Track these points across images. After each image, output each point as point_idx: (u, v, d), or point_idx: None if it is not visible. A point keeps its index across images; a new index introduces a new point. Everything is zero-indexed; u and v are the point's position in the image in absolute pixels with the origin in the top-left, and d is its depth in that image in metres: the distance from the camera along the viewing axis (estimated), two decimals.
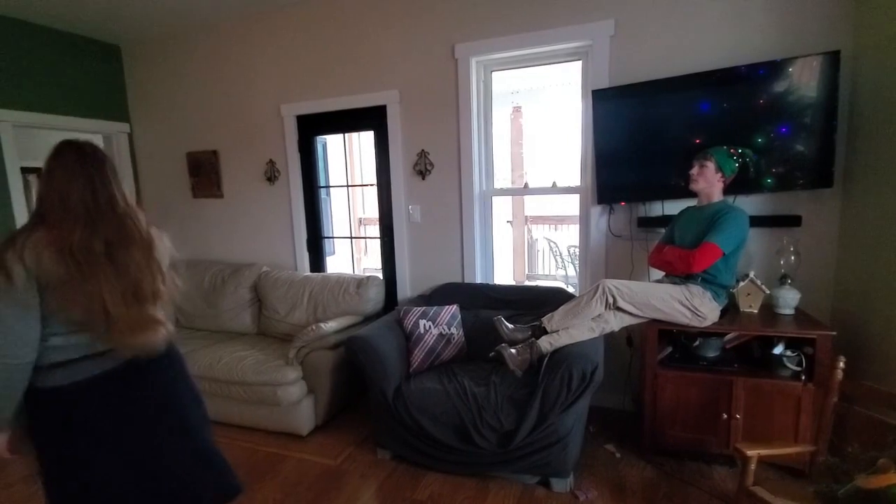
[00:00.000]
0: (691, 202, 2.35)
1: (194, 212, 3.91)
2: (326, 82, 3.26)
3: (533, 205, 6.83)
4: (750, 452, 1.61)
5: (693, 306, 2.06)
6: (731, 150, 2.15)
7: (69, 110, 3.60)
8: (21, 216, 3.33)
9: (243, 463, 2.46)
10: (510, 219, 6.61)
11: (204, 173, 3.77)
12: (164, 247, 1.54)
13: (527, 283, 6.30)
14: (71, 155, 1.33)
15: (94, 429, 1.31)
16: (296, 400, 2.60)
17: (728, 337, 2.27)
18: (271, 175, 3.55)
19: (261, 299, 3.39)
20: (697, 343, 2.25)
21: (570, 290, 2.99)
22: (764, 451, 1.63)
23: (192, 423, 1.50)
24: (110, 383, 1.34)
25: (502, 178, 2.89)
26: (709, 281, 2.12)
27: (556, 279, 6.12)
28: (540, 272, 6.73)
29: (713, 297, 2.10)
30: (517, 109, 6.64)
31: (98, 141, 4.11)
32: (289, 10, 3.27)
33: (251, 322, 3.40)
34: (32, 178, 5.53)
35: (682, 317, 2.09)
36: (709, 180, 2.14)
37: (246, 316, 3.40)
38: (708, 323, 2.10)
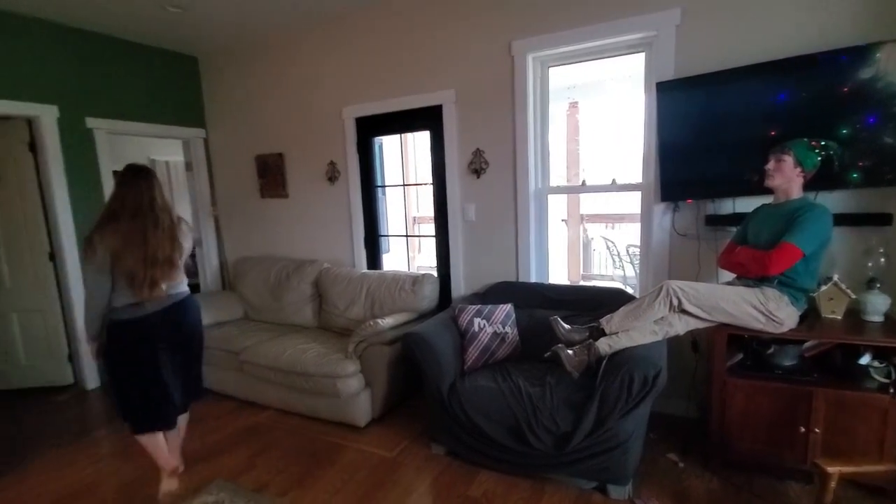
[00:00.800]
0: (766, 199, 2.20)
1: (261, 211, 4.15)
2: (385, 84, 3.35)
3: (589, 203, 6.65)
4: (831, 469, 1.50)
5: (768, 311, 1.93)
6: (813, 143, 1.99)
7: (154, 118, 3.93)
8: None
9: (306, 449, 2.59)
10: (565, 217, 6.47)
11: (271, 174, 3.99)
12: (186, 231, 2.20)
13: (582, 283, 6.15)
14: (129, 173, 2.06)
15: (136, 345, 2.05)
16: (354, 392, 2.70)
17: (807, 345, 2.11)
18: (332, 175, 3.69)
19: (321, 294, 3.54)
20: (772, 350, 2.11)
21: (629, 290, 2.89)
22: (846, 469, 1.52)
23: (199, 351, 2.32)
24: (153, 319, 2.04)
25: (558, 176, 2.84)
26: (786, 284, 1.97)
27: (612, 279, 5.93)
28: (595, 272, 6.54)
29: (791, 301, 1.96)
30: (573, 105, 6.47)
31: (177, 146, 4.46)
32: (349, 16, 3.39)
33: (312, 316, 3.56)
34: None
35: (756, 322, 1.96)
36: (787, 176, 2.00)
37: (307, 310, 3.57)
38: (785, 329, 1.96)
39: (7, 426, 3.02)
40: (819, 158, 1.99)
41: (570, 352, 2.11)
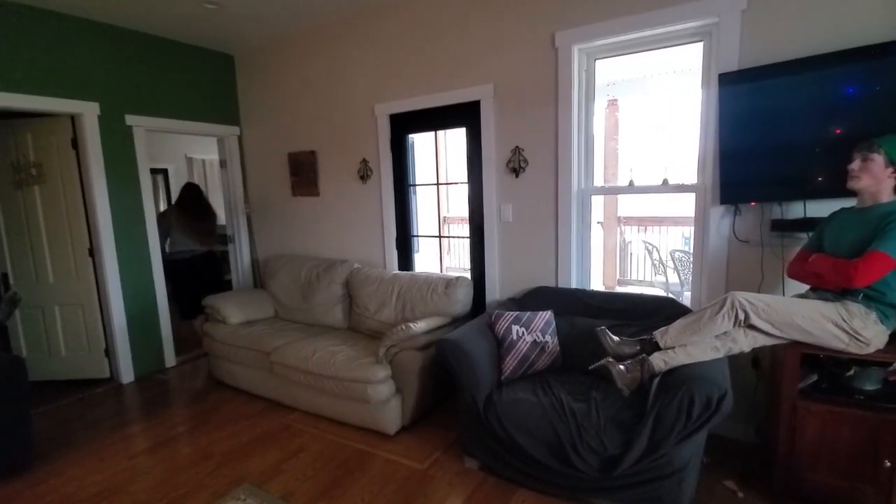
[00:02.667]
0: (844, 202, 1.96)
1: (293, 209, 4.11)
2: (419, 80, 3.23)
3: (626, 205, 6.37)
4: None
5: (853, 329, 1.70)
6: None
7: (190, 116, 3.94)
8: (149, 210, 3.71)
9: (334, 456, 2.50)
10: (601, 220, 6.21)
11: (303, 172, 3.94)
12: (218, 216, 4.41)
13: (618, 288, 5.89)
14: (188, 185, 4.35)
15: (183, 273, 4.18)
16: (384, 398, 2.59)
17: (893, 367, 1.86)
18: (364, 174, 3.61)
19: (352, 295, 3.46)
20: (852, 372, 1.87)
21: (673, 298, 2.67)
22: None
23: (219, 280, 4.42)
24: (193, 261, 4.18)
25: (597, 177, 2.66)
26: (874, 298, 1.74)
27: (652, 285, 5.65)
28: (633, 277, 6.26)
29: (880, 318, 1.72)
30: (613, 102, 6.21)
31: (213, 144, 4.49)
32: (382, 11, 3.29)
33: (342, 317, 3.49)
34: (159, 179, 6.20)
35: (837, 341, 1.74)
36: (876, 176, 1.76)
37: (338, 311, 3.49)
38: (871, 349, 1.73)
39: (45, 418, 3.07)
40: None
41: (621, 367, 1.93)
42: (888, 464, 1.75)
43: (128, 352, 3.61)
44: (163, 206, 6.41)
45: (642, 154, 6.22)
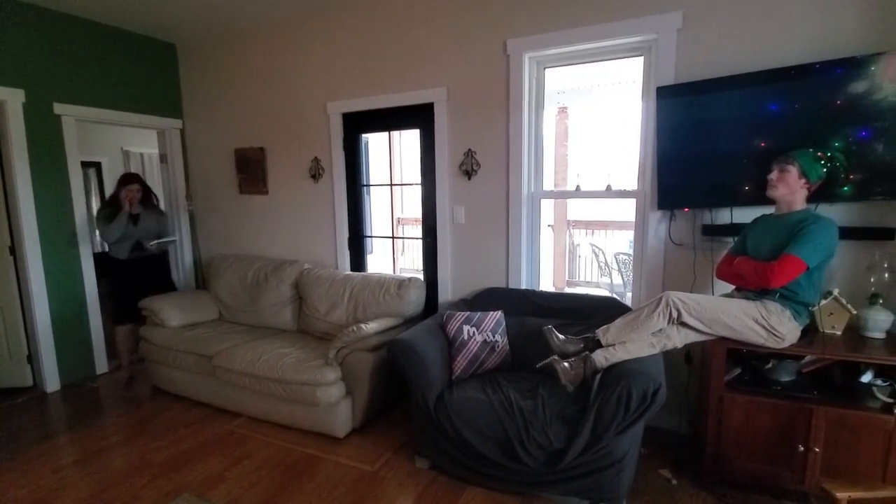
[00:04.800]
0: (766, 209, 2.14)
1: (240, 207, 3.97)
2: (373, 80, 3.22)
3: (576, 209, 6.61)
4: (839, 494, 1.43)
5: (770, 325, 1.86)
6: (819, 154, 1.94)
7: (127, 106, 3.71)
8: (79, 206, 3.46)
9: (281, 461, 2.44)
10: (551, 223, 6.42)
11: (251, 170, 3.81)
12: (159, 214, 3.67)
13: (567, 289, 6.10)
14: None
15: (124, 272, 3.48)
16: (334, 401, 2.56)
17: (805, 360, 2.05)
18: (316, 173, 3.54)
19: (302, 297, 3.38)
20: (770, 365, 2.05)
21: (616, 298, 2.81)
22: (856, 494, 1.45)
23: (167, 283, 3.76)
24: (137, 261, 3.46)
25: (547, 181, 2.76)
26: (788, 298, 1.91)
27: (598, 286, 5.89)
28: (581, 279, 6.50)
29: (793, 315, 1.89)
30: (563, 110, 6.43)
31: (152, 136, 4.25)
32: (337, 8, 3.25)
33: (291, 319, 3.40)
34: (91, 172, 5.80)
35: (757, 336, 1.89)
36: (790, 186, 1.94)
37: (287, 312, 3.40)
38: (786, 344, 1.90)
39: None
40: (825, 170, 1.93)
41: (566, 364, 2.01)
42: (802, 448, 1.93)
43: (53, 358, 3.35)
44: (95, 202, 6.00)
45: (589, 160, 6.47)
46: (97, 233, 3.56)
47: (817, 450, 1.90)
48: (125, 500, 2.16)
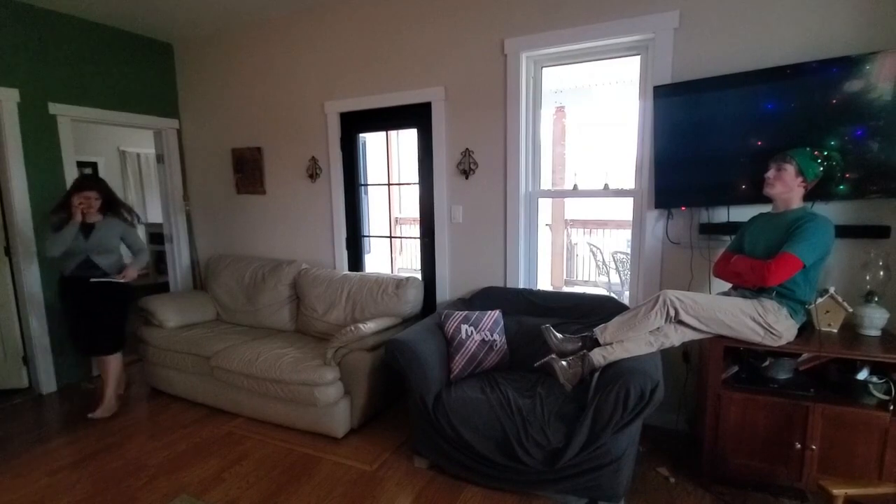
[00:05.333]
0: (762, 208, 2.15)
1: (237, 207, 3.95)
2: (371, 79, 3.21)
3: (573, 208, 6.62)
4: (836, 491, 1.43)
5: (767, 323, 1.87)
6: (816, 153, 1.95)
7: (123, 106, 3.70)
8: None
9: (279, 461, 2.43)
10: (549, 222, 6.43)
11: (248, 169, 3.80)
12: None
13: (565, 288, 6.11)
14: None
15: (70, 293, 2.91)
16: (332, 401, 2.55)
17: (802, 358, 2.06)
18: (313, 172, 3.53)
19: (299, 297, 3.38)
20: (767, 363, 2.05)
21: (613, 297, 2.82)
22: (853, 491, 1.45)
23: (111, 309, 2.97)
24: (85, 283, 2.84)
25: (545, 180, 2.76)
26: (785, 296, 1.92)
27: (596, 285, 5.90)
28: (579, 277, 6.52)
29: (790, 313, 1.90)
30: (560, 109, 6.43)
31: (149, 136, 4.24)
32: (334, 7, 3.25)
33: (289, 319, 3.40)
34: (87, 172, 5.76)
35: (754, 334, 1.90)
36: (787, 185, 1.95)
37: (284, 313, 3.40)
38: (783, 342, 1.91)
39: None
40: (821, 169, 1.94)
41: (563, 363, 2.01)
42: (799, 446, 1.94)
43: (49, 359, 3.33)
44: None
45: (587, 160, 6.49)
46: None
47: (814, 447, 1.91)
48: (122, 502, 2.15)
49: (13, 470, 2.41)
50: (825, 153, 1.96)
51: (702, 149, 2.32)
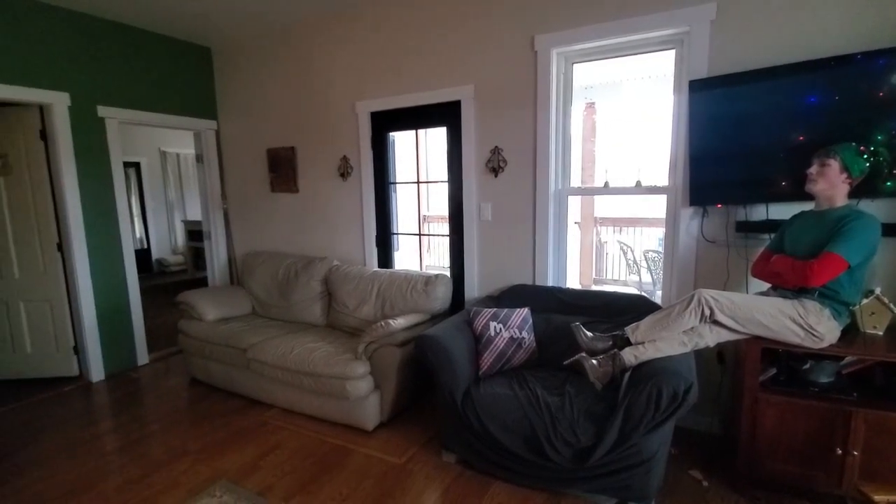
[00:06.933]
0: (804, 205, 2.08)
1: (271, 205, 4.08)
2: (401, 79, 3.25)
3: (603, 206, 6.52)
4: (878, 497, 1.39)
5: (808, 325, 1.81)
6: (861, 148, 1.87)
7: (165, 108, 3.87)
8: (122, 203, 3.62)
9: (312, 452, 2.51)
10: (578, 220, 6.35)
11: (282, 169, 3.91)
12: None
13: (594, 287, 6.03)
14: None
15: None
16: (363, 395, 2.61)
17: (845, 361, 1.98)
18: (344, 171, 3.61)
19: (331, 293, 3.46)
20: (808, 366, 1.99)
21: (645, 296, 2.77)
22: (895, 498, 1.40)
23: None
24: None
25: (574, 178, 2.74)
26: (828, 296, 1.85)
27: (626, 284, 5.80)
28: (608, 276, 6.42)
29: (833, 315, 1.83)
30: (590, 105, 6.34)
31: (188, 137, 4.41)
32: (366, 8, 3.30)
33: (321, 314, 3.48)
34: (131, 172, 6.04)
35: (794, 336, 1.84)
36: (831, 181, 1.87)
37: (316, 308, 3.49)
38: (825, 344, 1.84)
39: (12, 417, 2.97)
40: (867, 165, 1.86)
41: (594, 361, 2.00)
42: (839, 452, 1.87)
43: (98, 349, 3.52)
44: (134, 201, 6.23)
45: (618, 156, 6.37)
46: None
47: (856, 453, 1.84)
48: (166, 484, 2.27)
49: (66, 451, 2.57)
50: (871, 148, 1.88)
51: (740, 144, 2.26)
